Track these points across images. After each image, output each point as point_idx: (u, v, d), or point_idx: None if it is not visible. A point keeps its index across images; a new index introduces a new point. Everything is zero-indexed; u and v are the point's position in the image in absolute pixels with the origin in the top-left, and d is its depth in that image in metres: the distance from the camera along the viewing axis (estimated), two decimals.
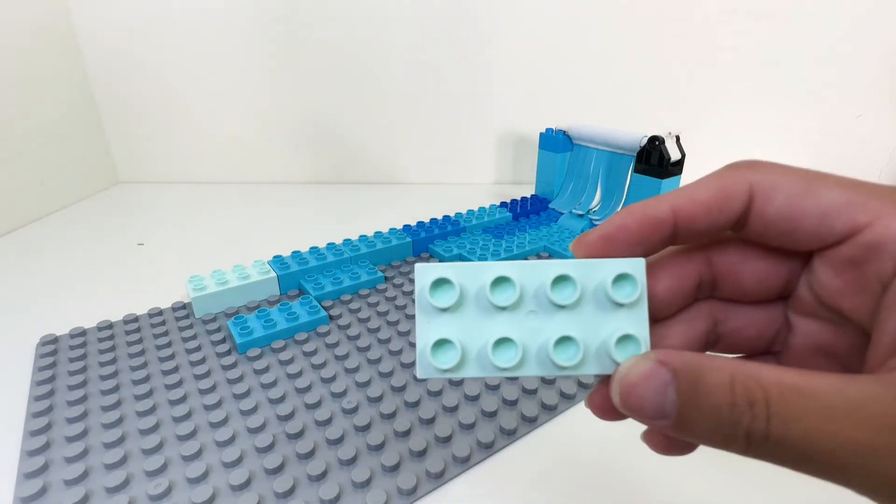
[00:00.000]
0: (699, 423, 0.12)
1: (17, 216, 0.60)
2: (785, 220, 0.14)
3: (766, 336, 0.16)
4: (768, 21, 0.72)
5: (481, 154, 0.79)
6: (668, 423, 0.12)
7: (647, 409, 0.12)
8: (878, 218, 0.13)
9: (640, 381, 0.12)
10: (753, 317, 0.16)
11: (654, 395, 0.12)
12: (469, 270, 0.15)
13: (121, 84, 0.72)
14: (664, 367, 0.12)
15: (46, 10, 0.64)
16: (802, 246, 0.14)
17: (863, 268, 0.13)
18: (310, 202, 0.71)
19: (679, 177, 0.51)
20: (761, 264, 0.15)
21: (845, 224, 0.13)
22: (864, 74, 0.75)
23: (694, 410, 0.12)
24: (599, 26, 0.71)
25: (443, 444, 0.27)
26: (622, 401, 0.13)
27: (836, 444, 0.10)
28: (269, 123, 0.76)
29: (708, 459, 0.27)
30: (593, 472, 0.26)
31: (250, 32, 0.70)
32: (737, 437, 0.11)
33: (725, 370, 0.12)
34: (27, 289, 0.46)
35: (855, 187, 0.13)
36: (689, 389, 0.12)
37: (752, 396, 0.11)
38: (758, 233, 0.15)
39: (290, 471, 0.26)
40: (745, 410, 0.11)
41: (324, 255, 0.47)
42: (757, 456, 0.12)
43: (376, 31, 0.70)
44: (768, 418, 0.11)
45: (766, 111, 0.77)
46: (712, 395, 0.12)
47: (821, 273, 0.14)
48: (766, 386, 0.11)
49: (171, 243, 0.56)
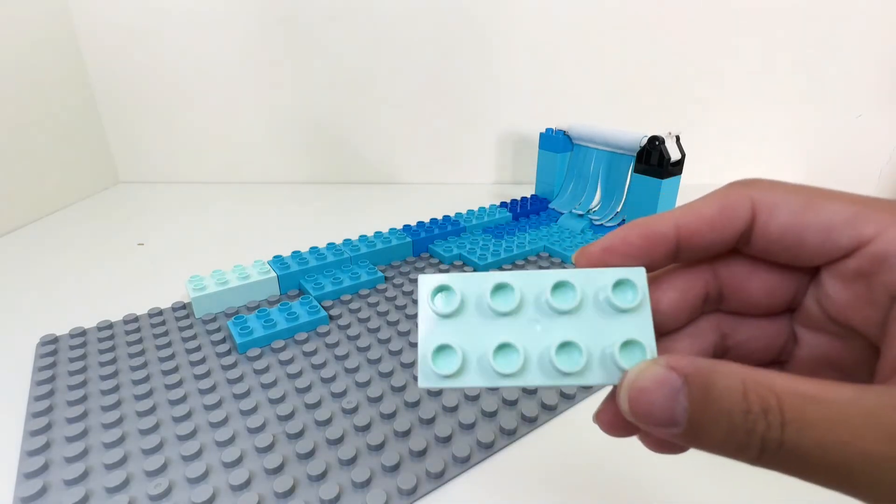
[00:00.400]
0: (711, 431, 0.11)
1: (17, 216, 0.60)
2: (789, 236, 0.14)
3: (773, 348, 0.16)
4: (768, 21, 0.72)
5: (481, 154, 0.79)
6: (679, 431, 0.12)
7: (657, 417, 0.12)
8: (884, 229, 0.13)
9: (651, 386, 0.12)
10: (761, 329, 0.16)
11: (665, 402, 0.12)
12: (470, 279, 0.15)
13: (121, 84, 0.72)
14: (675, 372, 0.12)
15: (46, 11, 0.64)
16: (808, 261, 0.14)
17: (870, 280, 0.13)
18: (310, 202, 0.71)
19: (679, 177, 0.51)
20: (768, 278, 0.15)
21: (851, 237, 0.13)
22: (864, 74, 0.75)
23: (706, 417, 0.11)
24: (599, 26, 0.71)
25: (443, 444, 0.27)
26: (631, 407, 0.12)
27: (850, 454, 0.10)
28: (270, 123, 0.76)
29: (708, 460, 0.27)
30: (593, 472, 0.26)
31: (250, 32, 0.70)
32: (750, 446, 0.11)
33: (737, 376, 0.11)
34: (27, 289, 0.46)
35: (858, 201, 0.13)
36: (700, 396, 0.11)
37: (766, 404, 0.11)
38: (762, 249, 0.15)
39: (289, 471, 0.26)
40: (759, 418, 0.11)
41: (324, 255, 0.47)
42: (768, 465, 0.11)
43: (376, 32, 0.70)
44: (783, 426, 0.11)
45: (766, 111, 0.77)
46: (725, 401, 0.11)
47: (828, 286, 0.14)
48: (780, 394, 0.11)
49: (171, 243, 0.56)
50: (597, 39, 0.72)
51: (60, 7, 0.66)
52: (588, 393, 0.32)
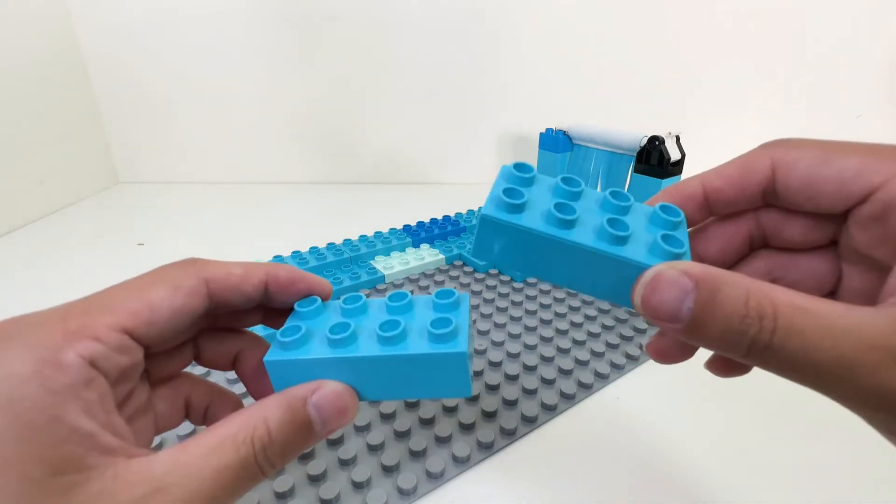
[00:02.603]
0: (709, 330, 0.13)
1: (17, 216, 0.60)
2: (807, 188, 0.16)
3: (823, 285, 0.18)
4: (768, 21, 0.72)
5: (481, 154, 0.79)
6: (680, 327, 0.14)
7: (664, 312, 0.14)
8: (890, 178, 0.14)
9: (664, 285, 0.14)
10: (809, 267, 0.18)
11: (673, 301, 0.13)
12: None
13: (121, 84, 0.72)
14: (687, 277, 0.13)
15: (46, 11, 0.64)
16: (830, 209, 0.16)
17: (885, 221, 0.15)
18: (310, 202, 0.71)
19: (679, 177, 0.51)
20: (803, 223, 0.17)
21: (861, 187, 0.15)
22: (864, 74, 0.75)
23: (708, 318, 0.13)
24: (599, 26, 0.72)
25: (443, 444, 0.27)
26: (643, 301, 0.14)
27: (828, 358, 0.12)
28: (270, 123, 0.76)
29: (708, 460, 0.27)
30: (593, 472, 0.26)
31: (251, 32, 0.70)
32: (740, 345, 0.13)
33: (742, 286, 0.13)
34: (29, 288, 0.46)
35: (869, 152, 0.15)
36: (706, 299, 0.13)
37: (762, 311, 0.12)
38: (788, 201, 0.17)
39: (289, 471, 0.26)
40: (753, 322, 0.12)
41: (324, 255, 0.47)
42: (754, 362, 0.13)
43: (377, 32, 0.70)
44: (773, 331, 0.12)
45: (767, 111, 0.77)
46: (727, 306, 0.13)
47: (852, 228, 0.16)
48: (777, 304, 0.13)
49: (172, 243, 0.56)
50: (597, 39, 0.72)
51: (60, 7, 0.66)
52: (587, 393, 0.32)
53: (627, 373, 0.34)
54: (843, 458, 0.27)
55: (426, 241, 0.52)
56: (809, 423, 0.29)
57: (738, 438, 0.29)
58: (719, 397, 0.32)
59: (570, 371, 0.33)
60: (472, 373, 0.31)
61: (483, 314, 0.40)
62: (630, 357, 0.35)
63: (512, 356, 0.35)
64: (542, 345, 0.36)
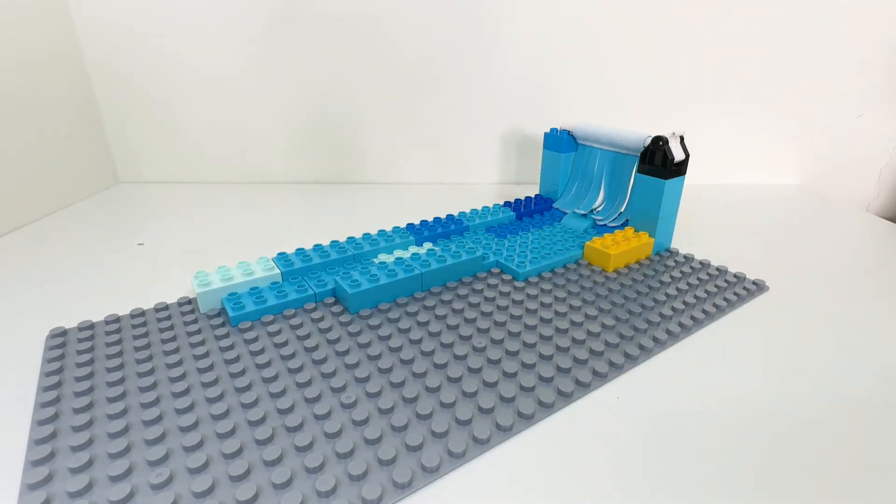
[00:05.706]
0: None
1: (18, 216, 0.60)
2: None
3: None
4: (769, 21, 0.72)
5: (485, 154, 0.80)
6: None
7: None
8: None
9: None
10: None
11: None
12: None
13: (121, 84, 0.72)
14: None
15: (46, 10, 0.64)
16: None
17: None
18: (311, 202, 0.72)
19: (683, 177, 0.51)
20: None
21: None
22: (864, 74, 0.75)
23: None
24: (604, 27, 0.72)
25: (439, 438, 0.28)
26: None
27: None
28: (271, 123, 0.76)
29: (708, 461, 0.27)
30: (589, 469, 0.27)
31: (251, 32, 0.70)
32: None
33: None
34: (32, 287, 0.46)
35: None
36: None
37: None
38: None
39: (287, 462, 0.26)
40: None
41: (327, 252, 0.47)
42: None
43: (379, 32, 0.71)
44: None
45: (768, 111, 0.77)
46: None
47: None
48: None
49: (172, 243, 0.56)
50: (602, 40, 0.72)
51: (60, 7, 0.66)
52: (585, 391, 0.32)
53: (627, 372, 0.34)
54: (843, 458, 0.27)
55: (429, 239, 0.52)
56: (810, 424, 0.30)
57: (738, 438, 0.29)
58: (719, 397, 0.32)
59: (569, 369, 0.33)
60: (469, 367, 0.31)
61: (483, 312, 0.40)
62: (629, 356, 0.35)
63: (511, 354, 0.35)
64: (541, 343, 0.36)
